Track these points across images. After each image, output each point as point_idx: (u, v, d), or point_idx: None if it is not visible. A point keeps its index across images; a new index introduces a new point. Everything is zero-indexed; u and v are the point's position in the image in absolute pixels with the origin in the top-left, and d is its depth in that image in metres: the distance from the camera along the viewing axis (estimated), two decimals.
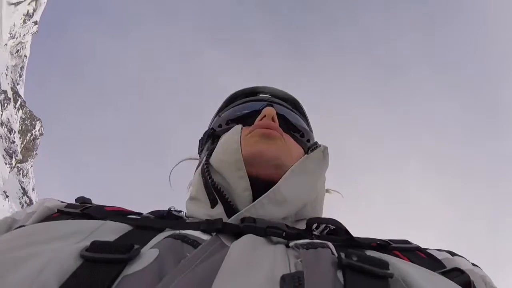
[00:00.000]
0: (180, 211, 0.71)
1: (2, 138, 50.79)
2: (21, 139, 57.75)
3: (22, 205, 54.07)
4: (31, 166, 62.39)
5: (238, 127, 0.73)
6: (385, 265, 0.41)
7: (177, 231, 0.50)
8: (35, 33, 61.00)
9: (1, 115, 51.09)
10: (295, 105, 0.92)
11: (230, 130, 0.73)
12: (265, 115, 0.73)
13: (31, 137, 60.98)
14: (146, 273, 0.39)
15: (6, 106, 52.25)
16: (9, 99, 52.96)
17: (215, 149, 0.73)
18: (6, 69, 55.19)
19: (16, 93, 56.92)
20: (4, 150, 50.62)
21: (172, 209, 0.69)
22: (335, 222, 0.58)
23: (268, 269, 0.39)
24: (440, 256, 0.60)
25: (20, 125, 58.29)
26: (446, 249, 0.64)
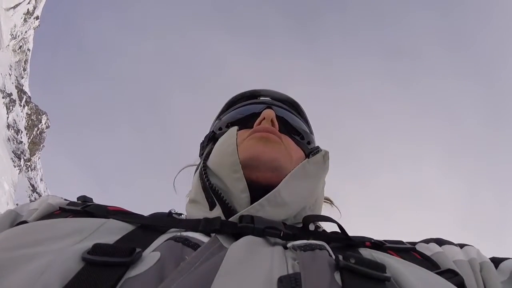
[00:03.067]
0: (181, 214, 0.71)
1: (10, 141, 51.99)
2: (28, 135, 58.90)
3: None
4: (39, 158, 64.17)
5: (233, 129, 0.73)
6: (382, 268, 0.42)
7: (178, 234, 0.50)
8: (37, 27, 59.64)
9: (8, 118, 51.87)
10: (295, 108, 0.92)
11: (226, 133, 0.74)
12: (264, 118, 0.74)
13: (38, 131, 62.05)
14: (148, 276, 0.40)
15: (12, 109, 52.78)
16: (14, 100, 53.35)
17: (212, 152, 0.74)
18: (10, 69, 54.76)
19: (21, 90, 56.95)
20: (13, 152, 52.04)
21: (173, 212, 0.70)
22: (331, 220, 0.60)
23: (265, 271, 0.39)
24: (429, 251, 0.61)
25: (26, 121, 59.09)
26: (433, 238, 0.65)
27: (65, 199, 0.67)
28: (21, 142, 55.01)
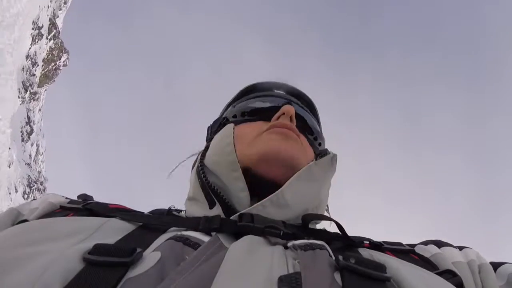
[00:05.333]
0: (180, 211, 0.71)
1: (23, 71, 51.26)
2: (43, 67, 58.09)
3: (22, 134, 56.26)
4: (45, 90, 63.45)
5: (230, 127, 0.70)
6: (382, 268, 0.41)
7: (179, 233, 0.49)
8: None
9: (30, 48, 50.98)
10: (309, 106, 0.90)
11: (222, 130, 0.72)
12: (284, 113, 0.71)
13: (54, 67, 61.22)
14: (148, 276, 0.39)
15: (37, 41, 51.86)
16: (43, 35, 52.34)
17: (208, 149, 0.71)
18: (50, 1, 53.66)
19: (53, 24, 55.93)
20: (22, 82, 51.37)
21: (172, 208, 0.69)
22: (330, 219, 0.59)
23: (266, 270, 0.39)
24: (428, 253, 0.60)
25: (47, 54, 58.19)
26: (432, 239, 0.65)
27: (66, 198, 0.67)
28: (34, 75, 54.22)
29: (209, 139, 0.79)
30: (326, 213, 0.78)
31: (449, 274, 0.51)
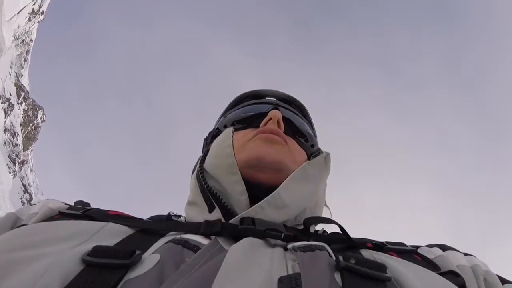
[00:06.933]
0: (180, 216, 0.71)
1: (6, 145, 50.56)
2: (22, 131, 57.14)
3: (23, 203, 56.09)
4: (31, 151, 62.67)
5: (229, 130, 0.72)
6: (383, 268, 0.41)
7: (178, 236, 0.50)
8: (41, 21, 55.61)
9: (5, 121, 50.04)
10: (300, 110, 0.91)
11: (221, 134, 0.73)
12: (271, 118, 0.73)
13: (33, 126, 60.16)
14: (147, 277, 0.39)
15: (10, 112, 50.81)
16: (13, 105, 51.20)
17: (208, 154, 0.72)
18: (10, 67, 51.85)
19: (19, 87, 54.44)
20: (8, 156, 50.81)
21: (171, 214, 0.70)
22: (332, 222, 0.60)
23: (265, 272, 0.39)
24: (432, 254, 0.61)
25: (22, 117, 57.04)
26: (437, 243, 0.65)
27: (65, 204, 0.66)
28: (17, 145, 53.54)
29: (205, 150, 0.80)
30: (325, 213, 0.79)
31: (452, 275, 0.51)
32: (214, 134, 0.82)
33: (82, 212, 0.61)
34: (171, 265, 0.42)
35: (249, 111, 0.82)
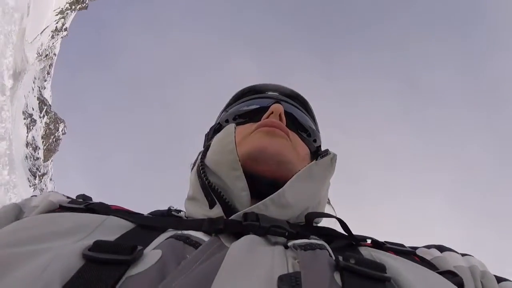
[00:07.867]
0: (180, 211, 0.71)
1: (27, 159, 51.44)
2: (44, 143, 58.13)
3: None
4: (51, 161, 63.78)
5: (231, 126, 0.70)
6: (382, 268, 0.41)
7: (180, 232, 0.50)
8: (65, 36, 56.59)
9: (27, 136, 50.91)
10: (303, 104, 0.90)
11: (223, 129, 0.71)
12: (273, 112, 0.73)
13: (54, 139, 61.21)
14: (149, 274, 0.39)
15: (32, 128, 51.69)
16: (35, 120, 52.08)
17: (209, 149, 0.71)
18: (33, 82, 52.95)
19: (42, 101, 55.48)
20: (29, 170, 51.67)
21: (172, 209, 0.70)
22: (333, 217, 0.60)
23: (266, 270, 0.39)
24: (430, 255, 0.61)
25: (44, 130, 58.09)
26: (434, 244, 0.65)
27: (67, 197, 0.66)
28: (38, 158, 54.38)
29: (206, 145, 0.77)
30: (329, 211, 0.77)
31: (450, 275, 0.51)
32: (215, 129, 0.82)
33: (85, 205, 0.60)
34: (173, 262, 0.42)
35: (251, 105, 0.82)
